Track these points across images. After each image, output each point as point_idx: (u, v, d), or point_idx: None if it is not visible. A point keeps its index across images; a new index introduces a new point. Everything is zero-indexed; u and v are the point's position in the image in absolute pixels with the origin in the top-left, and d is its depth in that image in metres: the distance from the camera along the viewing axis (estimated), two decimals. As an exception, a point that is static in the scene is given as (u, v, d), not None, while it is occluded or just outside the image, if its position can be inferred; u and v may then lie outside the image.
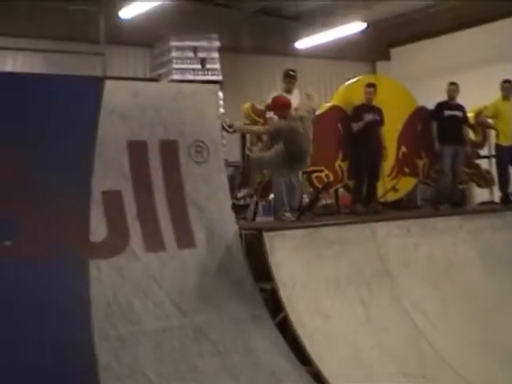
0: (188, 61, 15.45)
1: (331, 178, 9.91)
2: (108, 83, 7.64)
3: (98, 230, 6.98)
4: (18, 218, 6.55)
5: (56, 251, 6.64)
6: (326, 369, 6.96)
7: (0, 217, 6.47)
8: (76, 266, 6.72)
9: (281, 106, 8.53)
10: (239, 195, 7.84)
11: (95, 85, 7.71)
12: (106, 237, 6.98)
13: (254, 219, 9.68)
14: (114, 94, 7.50)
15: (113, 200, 7.16)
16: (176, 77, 14.97)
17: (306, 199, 10.21)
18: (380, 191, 10.27)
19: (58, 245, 6.68)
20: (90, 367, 6.16)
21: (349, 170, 10.10)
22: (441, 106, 10.73)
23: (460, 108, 10.83)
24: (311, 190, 10.16)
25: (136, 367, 6.36)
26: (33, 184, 6.74)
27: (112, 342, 6.43)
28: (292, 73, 9.08)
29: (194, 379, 6.49)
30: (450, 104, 10.77)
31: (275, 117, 8.77)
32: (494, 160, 11.70)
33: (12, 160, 6.69)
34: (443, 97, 10.82)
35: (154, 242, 7.26)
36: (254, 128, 7.96)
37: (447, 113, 10.66)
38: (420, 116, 10.99)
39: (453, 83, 10.87)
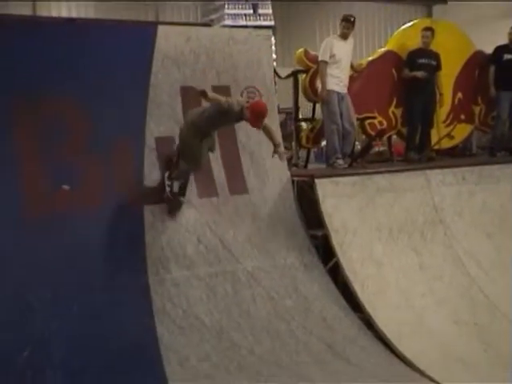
0: (240, 6, 15.31)
1: (384, 124, 9.76)
2: (161, 28, 7.63)
3: (152, 175, 7.06)
4: (77, 165, 6.64)
5: (113, 197, 6.76)
6: (377, 315, 7.01)
7: (61, 165, 6.57)
8: (131, 211, 6.83)
9: (259, 115, 6.42)
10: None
11: (148, 30, 7.70)
12: (159, 183, 7.04)
13: (305, 166, 9.65)
14: (167, 39, 7.49)
15: (166, 146, 7.20)
16: (228, 22, 14.87)
17: (358, 146, 10.13)
18: (435, 138, 10.09)
19: (115, 191, 6.79)
20: (146, 310, 6.32)
21: (402, 117, 9.93)
22: (500, 50, 10.38)
23: (521, 52, 10.47)
24: (364, 136, 10.06)
25: (190, 310, 6.50)
26: (91, 131, 6.80)
27: (166, 286, 6.57)
28: (351, 19, 8.84)
29: (247, 323, 6.59)
30: (510, 48, 10.40)
31: None
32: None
33: (72, 108, 6.76)
34: (503, 41, 10.47)
35: (206, 187, 7.32)
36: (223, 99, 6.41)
37: (507, 56, 10.30)
38: (477, 61, 10.66)
39: (514, 26, 10.50)
